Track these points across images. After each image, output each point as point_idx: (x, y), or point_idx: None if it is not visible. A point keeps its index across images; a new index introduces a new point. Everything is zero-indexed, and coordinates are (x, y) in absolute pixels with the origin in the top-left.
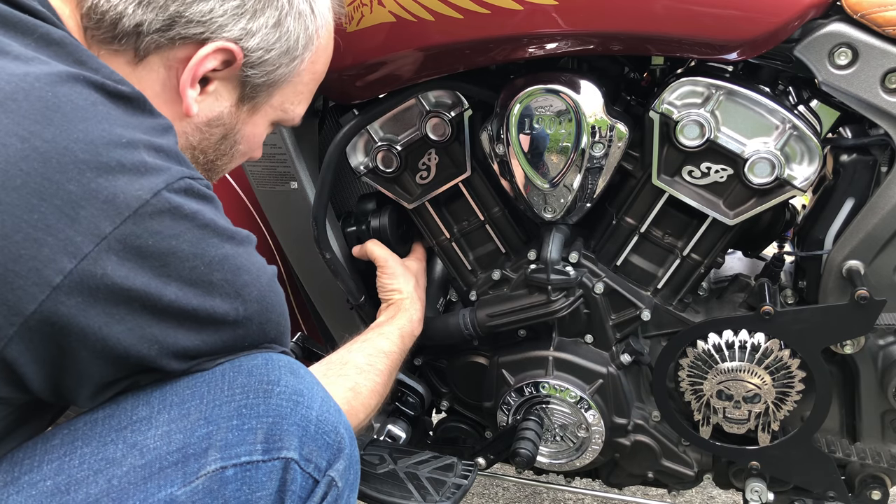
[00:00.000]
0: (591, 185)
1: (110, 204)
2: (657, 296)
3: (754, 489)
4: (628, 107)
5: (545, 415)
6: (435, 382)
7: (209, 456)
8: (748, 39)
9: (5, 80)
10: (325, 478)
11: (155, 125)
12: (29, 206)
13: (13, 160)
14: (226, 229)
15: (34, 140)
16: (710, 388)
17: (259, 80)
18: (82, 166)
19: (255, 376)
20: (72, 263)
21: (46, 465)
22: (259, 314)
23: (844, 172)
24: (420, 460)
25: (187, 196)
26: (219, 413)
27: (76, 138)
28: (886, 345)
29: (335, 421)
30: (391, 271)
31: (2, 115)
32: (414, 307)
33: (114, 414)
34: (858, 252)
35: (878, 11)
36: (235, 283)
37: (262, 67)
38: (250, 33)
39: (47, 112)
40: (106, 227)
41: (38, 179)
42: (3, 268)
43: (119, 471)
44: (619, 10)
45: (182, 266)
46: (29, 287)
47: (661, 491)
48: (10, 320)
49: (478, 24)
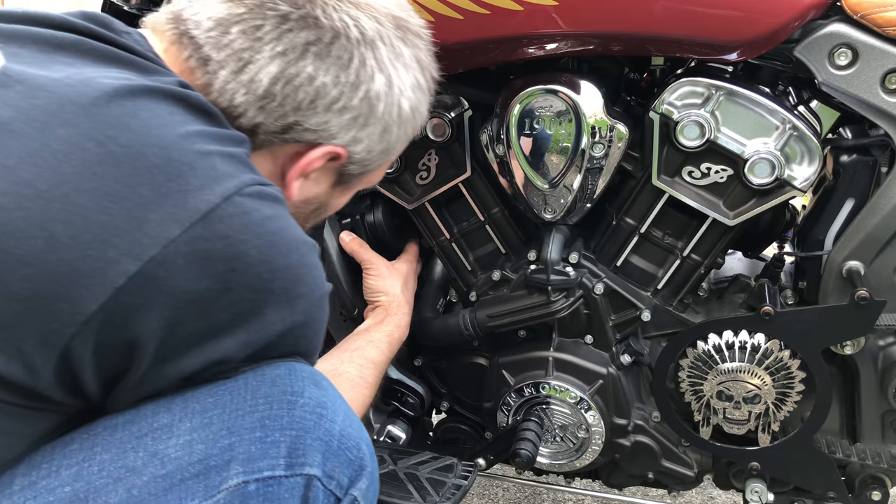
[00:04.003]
0: (591, 185)
1: (180, 207)
2: (657, 296)
3: (754, 490)
4: (628, 107)
5: (545, 415)
6: (435, 383)
7: (231, 469)
8: (748, 40)
9: (92, 87)
10: (348, 496)
11: (230, 135)
12: (100, 207)
13: (89, 164)
14: (294, 237)
15: (110, 145)
16: (710, 389)
17: (356, 172)
18: (154, 171)
19: (278, 386)
20: (136, 266)
21: (65, 470)
22: (299, 328)
23: (844, 173)
24: (420, 461)
25: (259, 200)
26: (241, 424)
27: (150, 143)
28: (886, 345)
29: (357, 437)
30: (377, 272)
31: (83, 119)
32: (401, 311)
33: (134, 420)
34: (858, 252)
35: (879, 12)
36: (291, 293)
37: (362, 164)
38: (358, 140)
39: (125, 118)
40: (174, 230)
41: (111, 182)
42: (71, 267)
43: (139, 480)
44: (619, 11)
45: (247, 272)
46: (94, 287)
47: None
48: (73, 318)
49: (478, 24)
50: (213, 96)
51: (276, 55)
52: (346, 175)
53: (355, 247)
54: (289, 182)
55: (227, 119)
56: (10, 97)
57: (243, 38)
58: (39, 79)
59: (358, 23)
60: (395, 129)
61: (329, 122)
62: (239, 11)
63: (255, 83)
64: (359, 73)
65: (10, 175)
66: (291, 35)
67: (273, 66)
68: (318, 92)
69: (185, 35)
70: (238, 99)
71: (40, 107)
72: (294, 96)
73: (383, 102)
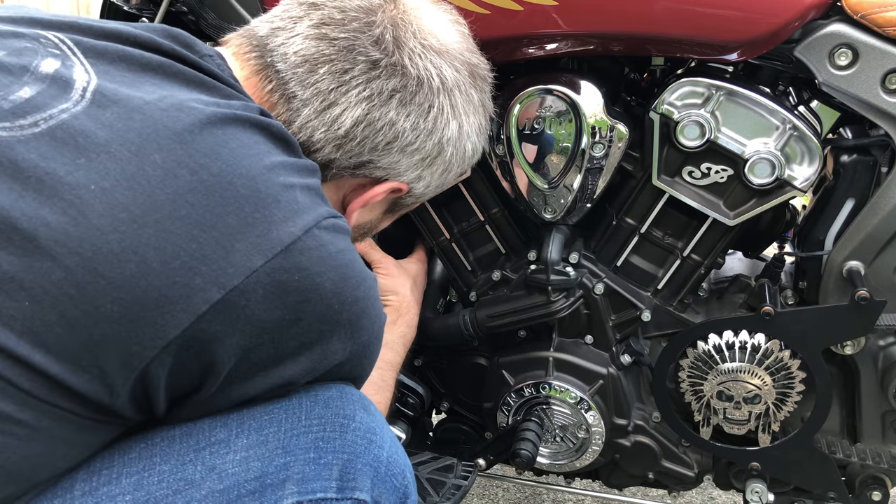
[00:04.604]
0: (591, 185)
1: (264, 238)
2: (657, 296)
3: (755, 490)
4: (628, 107)
5: (545, 415)
6: (435, 383)
7: (286, 489)
8: (748, 40)
9: (185, 112)
10: None
11: (306, 165)
12: (190, 235)
13: (182, 191)
14: (362, 270)
15: (202, 173)
16: (710, 389)
17: (410, 202)
18: (242, 201)
19: (331, 408)
20: (220, 294)
21: (125, 478)
22: (358, 357)
23: (845, 173)
24: (420, 461)
25: (334, 233)
26: (296, 444)
27: (239, 174)
28: (887, 345)
29: (403, 464)
30: (386, 271)
31: (178, 146)
32: (411, 311)
33: (192, 433)
34: (859, 253)
35: (879, 12)
36: (355, 325)
37: (417, 196)
38: (421, 178)
39: (216, 147)
40: (258, 260)
41: (202, 211)
42: (158, 292)
43: (198, 493)
44: (619, 11)
45: (320, 303)
46: (177, 312)
47: (661, 492)
48: (155, 342)
49: (478, 24)
50: (293, 130)
51: (362, 99)
52: (399, 204)
53: (365, 247)
54: (350, 211)
55: (304, 152)
56: (106, 117)
57: (331, 79)
58: (134, 100)
59: (440, 71)
60: (455, 168)
61: (400, 162)
62: (328, 52)
63: (338, 124)
64: (436, 121)
65: (108, 197)
66: (379, 81)
67: (358, 110)
68: (396, 136)
69: (271, 67)
70: (317, 136)
71: (136, 129)
72: (373, 139)
73: (452, 147)
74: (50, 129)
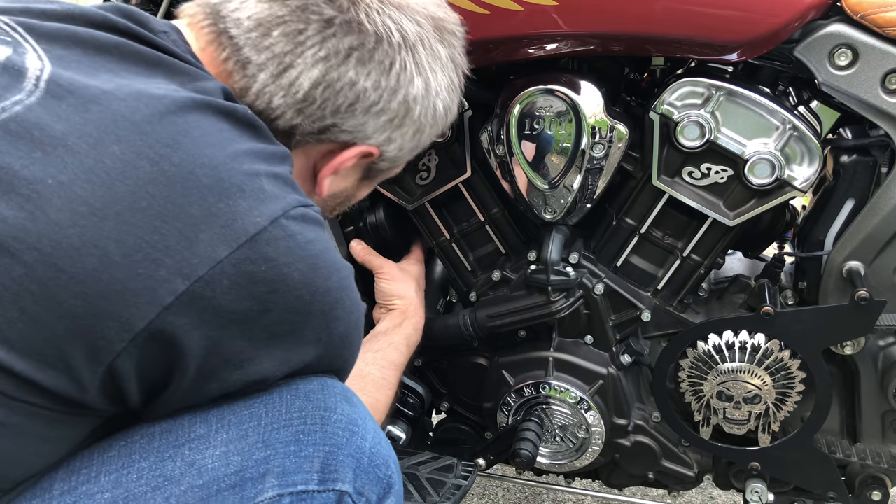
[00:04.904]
0: (591, 185)
1: (229, 229)
2: (657, 296)
3: (754, 490)
4: (628, 107)
5: (545, 415)
6: (435, 383)
7: (266, 482)
8: (748, 40)
9: (144, 102)
10: None
11: (275, 152)
12: (152, 227)
13: (142, 182)
14: (334, 261)
15: (163, 163)
16: (710, 389)
17: (385, 167)
18: (205, 191)
19: (311, 401)
20: (184, 285)
21: (104, 476)
22: (336, 348)
23: (844, 173)
24: (420, 461)
25: (303, 223)
26: (276, 437)
27: (202, 163)
28: (887, 345)
29: (386, 454)
30: (389, 276)
31: (137, 136)
32: (417, 314)
33: (171, 429)
34: (859, 253)
35: (879, 12)
36: (329, 315)
37: (391, 160)
38: (391, 140)
39: (178, 136)
40: (222, 251)
41: (163, 202)
42: (122, 285)
43: (177, 489)
44: (619, 11)
45: (289, 294)
46: (142, 305)
47: (661, 492)
48: (121, 336)
49: (478, 24)
50: (251, 99)
51: (318, 60)
52: (374, 170)
53: (366, 255)
54: (320, 179)
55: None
56: (62, 110)
57: (285, 42)
58: (90, 90)
59: (400, 26)
60: (427, 128)
61: (366, 124)
62: (281, 13)
63: (296, 87)
64: (399, 78)
65: (66, 191)
66: (335, 40)
67: (315, 71)
68: (357, 96)
69: (225, 34)
70: (276, 102)
71: (94, 121)
72: (334, 100)
73: (420, 105)
74: (3, 122)
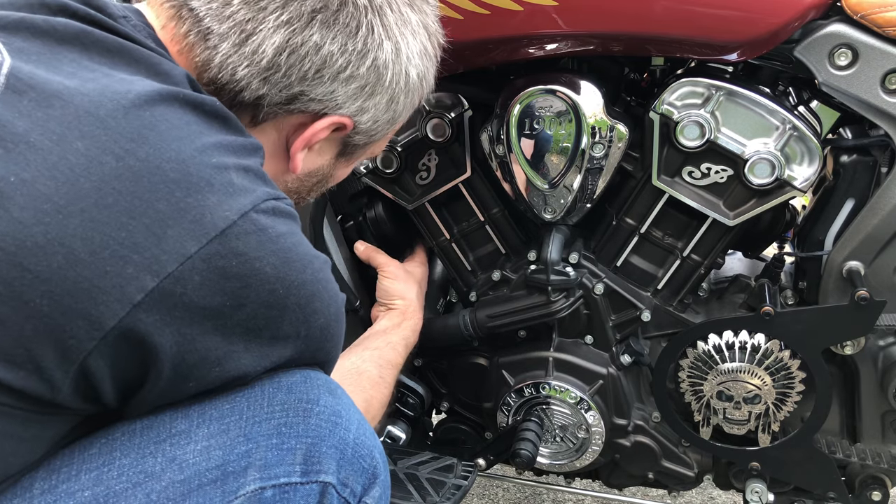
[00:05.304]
0: (591, 185)
1: (197, 224)
2: (657, 296)
3: (754, 490)
4: (628, 107)
5: (545, 415)
6: (435, 383)
7: (248, 475)
8: (748, 40)
9: (108, 97)
10: None
11: (244, 144)
12: (119, 223)
13: (107, 178)
14: (307, 253)
15: (129, 159)
16: (710, 389)
17: (361, 142)
18: (172, 186)
19: (294, 394)
20: (154, 282)
21: (85, 474)
22: (317, 341)
23: (844, 173)
24: (420, 461)
25: (274, 217)
26: (258, 431)
27: (168, 158)
28: (887, 345)
29: (371, 445)
30: (392, 275)
31: (101, 132)
32: (416, 316)
33: (152, 426)
34: (858, 253)
35: (879, 12)
36: (306, 308)
37: (367, 134)
38: (364, 110)
39: (143, 130)
40: (191, 247)
41: (129, 198)
42: (90, 283)
43: (158, 485)
44: (619, 11)
45: (262, 289)
46: (111, 303)
47: (661, 492)
48: (91, 334)
49: (478, 24)
50: (213, 72)
51: (280, 25)
52: (350, 145)
53: (370, 253)
54: (293, 153)
55: (229, 94)
56: (24, 106)
57: (246, 9)
58: (52, 84)
59: None
60: (401, 98)
61: (335, 91)
62: None
63: (259, 55)
64: (366, 41)
65: (29, 189)
66: (297, 3)
67: (277, 37)
68: (324, 61)
69: (185, 7)
70: (240, 72)
71: (56, 117)
72: (299, 67)
73: (391, 71)
74: None
